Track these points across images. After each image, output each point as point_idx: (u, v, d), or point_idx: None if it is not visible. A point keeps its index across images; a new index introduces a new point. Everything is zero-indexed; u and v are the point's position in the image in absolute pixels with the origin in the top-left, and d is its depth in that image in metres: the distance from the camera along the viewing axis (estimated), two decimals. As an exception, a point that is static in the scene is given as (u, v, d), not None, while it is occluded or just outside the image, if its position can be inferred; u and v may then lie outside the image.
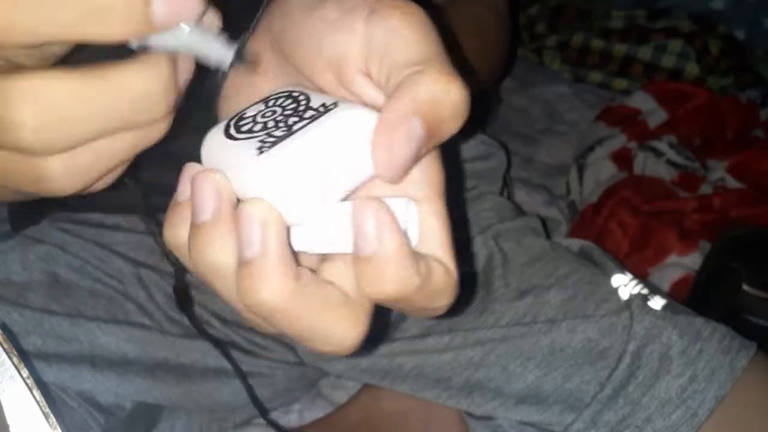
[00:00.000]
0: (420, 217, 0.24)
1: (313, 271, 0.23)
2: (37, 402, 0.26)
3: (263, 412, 0.58)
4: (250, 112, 0.25)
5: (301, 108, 0.24)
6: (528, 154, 1.04)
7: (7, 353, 0.27)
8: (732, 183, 0.86)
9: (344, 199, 0.24)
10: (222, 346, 0.56)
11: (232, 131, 0.24)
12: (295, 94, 0.25)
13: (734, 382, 0.48)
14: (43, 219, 0.59)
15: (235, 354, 0.60)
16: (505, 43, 0.65)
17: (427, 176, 0.24)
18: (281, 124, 0.24)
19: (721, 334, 0.50)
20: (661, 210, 0.83)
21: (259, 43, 0.28)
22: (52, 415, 0.26)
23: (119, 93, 0.22)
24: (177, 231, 0.24)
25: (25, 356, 0.28)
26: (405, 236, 0.22)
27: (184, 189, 0.24)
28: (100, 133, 0.22)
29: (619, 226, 0.82)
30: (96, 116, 0.22)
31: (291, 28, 0.26)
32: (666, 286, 0.75)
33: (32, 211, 0.59)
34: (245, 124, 0.24)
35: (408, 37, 0.23)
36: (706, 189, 0.86)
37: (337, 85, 0.25)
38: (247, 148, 0.23)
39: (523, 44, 1.24)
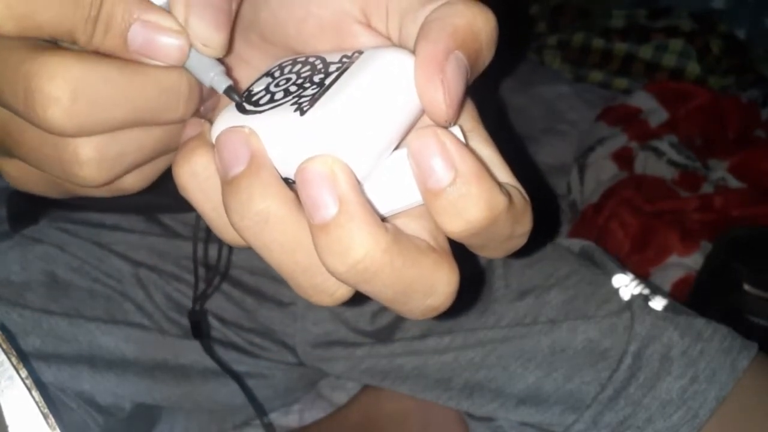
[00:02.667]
0: (474, 148, 0.22)
1: None
2: (36, 402, 0.26)
3: (262, 414, 0.58)
4: (257, 87, 0.23)
5: (320, 66, 0.22)
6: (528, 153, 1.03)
7: (6, 354, 0.27)
8: (733, 183, 0.86)
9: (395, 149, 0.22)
10: (231, 372, 0.56)
11: (249, 107, 0.22)
12: (301, 59, 0.24)
13: (735, 382, 0.48)
14: (42, 219, 0.59)
15: (235, 355, 0.60)
16: None
17: (466, 109, 0.23)
18: (308, 85, 0.21)
19: (722, 335, 0.50)
20: (662, 210, 0.83)
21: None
22: (51, 416, 0.26)
23: (149, 84, 0.22)
24: (192, 164, 0.22)
25: (23, 356, 0.28)
26: None
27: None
28: (129, 122, 0.22)
29: (620, 226, 0.82)
30: (125, 103, 0.22)
31: (267, 9, 0.24)
32: (667, 287, 0.75)
33: (31, 210, 0.59)
34: (260, 97, 0.22)
35: None
36: (707, 189, 0.85)
37: (335, 46, 0.24)
38: (280, 113, 0.21)
39: (524, 44, 1.24)
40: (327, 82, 0.21)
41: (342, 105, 0.20)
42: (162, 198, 0.58)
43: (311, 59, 0.23)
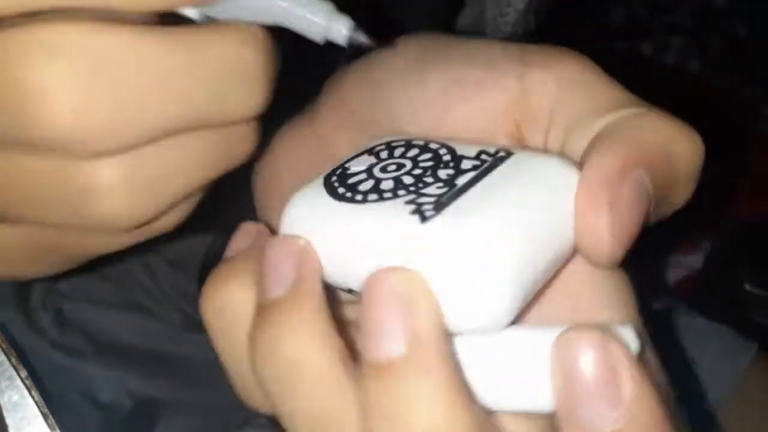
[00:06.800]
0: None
1: None
2: (36, 402, 0.26)
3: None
4: (356, 167, 0.18)
5: (448, 159, 0.17)
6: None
7: (6, 353, 0.27)
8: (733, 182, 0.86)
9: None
10: None
11: (341, 190, 0.17)
12: (418, 142, 0.18)
13: (735, 382, 0.48)
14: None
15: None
16: None
17: (621, 286, 0.18)
18: (430, 180, 0.16)
19: (722, 335, 0.50)
20: (662, 209, 0.83)
21: (329, 114, 0.21)
22: (51, 416, 0.26)
23: (202, 58, 0.14)
24: (221, 298, 0.16)
25: (23, 356, 0.27)
26: None
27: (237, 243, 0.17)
28: (172, 123, 0.15)
29: (620, 225, 0.82)
30: (167, 88, 0.14)
31: (387, 100, 0.20)
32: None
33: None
34: (359, 181, 0.17)
35: (593, 82, 0.18)
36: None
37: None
38: (389, 210, 0.16)
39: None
40: (459, 182, 0.16)
41: (483, 220, 0.15)
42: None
43: (433, 146, 0.18)
